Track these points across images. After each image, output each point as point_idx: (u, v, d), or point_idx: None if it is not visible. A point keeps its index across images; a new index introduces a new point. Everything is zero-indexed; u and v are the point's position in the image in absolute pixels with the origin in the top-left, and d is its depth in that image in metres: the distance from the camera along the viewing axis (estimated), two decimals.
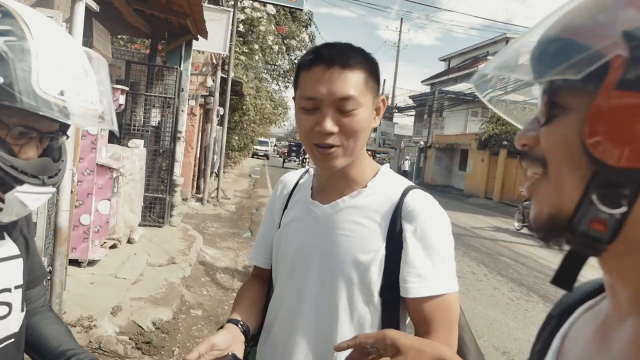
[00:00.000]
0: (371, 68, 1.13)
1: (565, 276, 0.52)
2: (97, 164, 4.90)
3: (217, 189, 12.03)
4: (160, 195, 7.40)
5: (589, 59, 0.47)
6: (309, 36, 20.88)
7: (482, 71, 0.60)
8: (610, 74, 0.46)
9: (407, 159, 32.10)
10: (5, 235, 1.05)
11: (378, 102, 1.17)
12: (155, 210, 7.40)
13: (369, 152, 1.32)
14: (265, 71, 21.41)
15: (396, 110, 37.03)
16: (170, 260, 5.86)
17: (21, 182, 0.92)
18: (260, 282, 1.36)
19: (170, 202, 7.57)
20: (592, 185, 0.48)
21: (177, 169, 7.72)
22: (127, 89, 5.55)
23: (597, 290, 0.64)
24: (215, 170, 12.43)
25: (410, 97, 36.81)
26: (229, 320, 1.20)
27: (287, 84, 22.46)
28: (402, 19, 40.96)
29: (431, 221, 1.14)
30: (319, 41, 21.78)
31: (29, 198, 0.94)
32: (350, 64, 1.09)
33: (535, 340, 0.70)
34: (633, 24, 0.45)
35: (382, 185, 1.19)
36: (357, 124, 1.10)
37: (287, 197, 1.32)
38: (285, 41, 19.29)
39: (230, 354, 1.09)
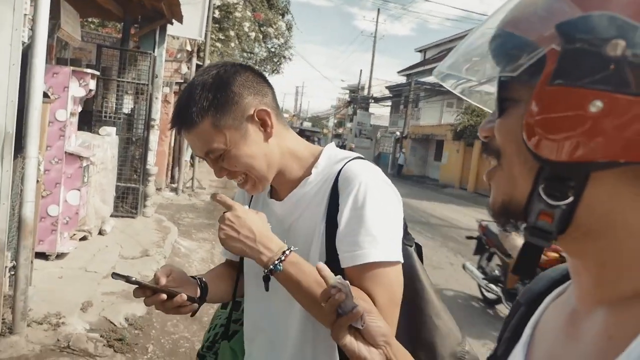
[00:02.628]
0: (215, 106, 1.09)
1: (525, 265, 0.52)
2: (65, 152, 4.66)
3: (192, 178, 11.78)
4: (133, 185, 7.15)
5: (527, 53, 0.48)
6: (286, 24, 20.62)
7: (439, 68, 0.61)
8: (545, 69, 0.46)
9: (402, 152, 29.27)
10: None
11: (252, 119, 1.12)
12: (128, 201, 7.15)
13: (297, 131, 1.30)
14: (241, 59, 21.05)
15: (372, 101, 37.04)
16: (144, 252, 5.66)
17: None
18: (229, 265, 1.40)
19: (144, 192, 7.33)
20: (540, 178, 0.49)
21: (151, 157, 7.47)
22: (97, 73, 5.29)
23: (564, 276, 0.65)
24: (189, 159, 12.16)
25: (387, 87, 36.84)
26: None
27: (264, 72, 22.17)
28: (379, 9, 40.98)
29: (365, 186, 1.09)
30: (295, 31, 21.57)
31: None
32: (191, 124, 1.10)
33: (503, 328, 0.71)
34: (566, 16, 0.46)
35: (326, 166, 1.18)
36: (236, 160, 1.12)
37: (250, 198, 1.33)
38: (262, 29, 18.99)
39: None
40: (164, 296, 1.11)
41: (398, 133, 31.48)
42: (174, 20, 7.37)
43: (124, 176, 7.09)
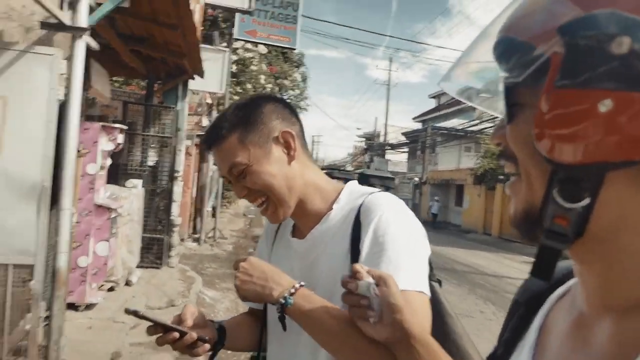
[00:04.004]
0: (244, 123, 1.14)
1: (542, 268, 0.51)
2: (95, 205, 4.79)
3: (214, 228, 11.87)
4: (158, 236, 7.25)
5: (531, 57, 0.48)
6: (301, 76, 21.21)
7: (445, 77, 0.61)
8: (550, 72, 0.46)
9: (436, 200, 27.43)
10: None
11: (277, 140, 1.15)
12: (153, 251, 7.23)
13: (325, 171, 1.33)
14: None
15: (389, 147, 37.29)
16: (170, 302, 5.67)
17: None
18: (252, 314, 1.39)
19: (169, 243, 7.41)
20: (554, 181, 0.48)
21: (175, 209, 7.60)
22: (125, 127, 5.51)
23: (565, 275, 0.64)
24: (210, 208, 12.29)
25: (403, 133, 37.14)
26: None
27: None
28: (390, 58, 41.91)
29: (387, 216, 1.08)
30: (310, 82, 22.13)
31: None
32: (220, 138, 1.15)
33: (502, 329, 0.69)
34: (568, 17, 0.46)
35: (348, 201, 1.18)
36: (257, 177, 1.13)
37: (273, 238, 1.34)
38: (277, 81, 19.54)
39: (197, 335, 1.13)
40: (176, 335, 1.11)
41: (417, 179, 31.44)
42: (195, 76, 7.67)
43: (149, 227, 7.20)
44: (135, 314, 1.08)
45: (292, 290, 1.03)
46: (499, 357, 0.66)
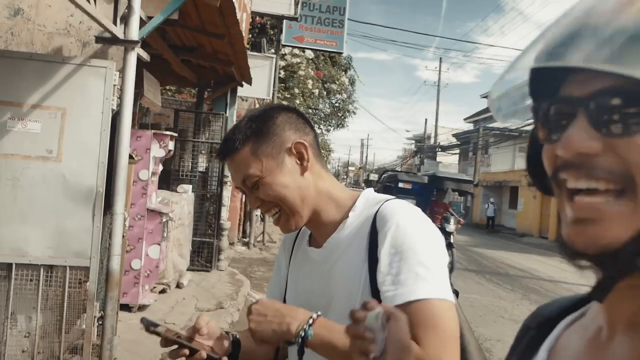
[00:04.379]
0: (257, 135, 1.14)
1: (600, 291, 0.51)
2: (147, 209, 4.98)
3: (263, 232, 12.06)
4: (208, 240, 7.45)
5: None
6: (349, 79, 21.22)
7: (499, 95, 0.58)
8: None
9: (491, 202, 26.71)
10: None
11: (290, 151, 1.15)
12: (203, 255, 7.43)
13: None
14: (307, 115, 21.71)
15: (439, 149, 36.67)
16: (219, 305, 5.81)
17: None
18: None
19: (218, 246, 7.60)
20: None
21: (224, 213, 7.78)
22: (175, 135, 5.70)
23: (576, 304, 0.64)
24: (259, 214, 12.49)
25: (454, 135, 36.44)
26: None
27: (329, 127, 22.70)
28: (440, 58, 41.21)
29: (404, 223, 1.07)
30: (358, 84, 22.13)
31: None
32: (234, 150, 1.15)
33: (509, 352, 0.68)
34: None
35: (364, 209, 1.17)
36: (269, 188, 1.13)
37: (291, 247, 1.33)
38: (325, 85, 19.64)
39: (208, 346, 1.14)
40: (186, 351, 1.12)
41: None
42: (243, 83, 7.84)
43: (199, 231, 7.41)
44: (147, 326, 1.11)
45: (310, 322, 1.02)
46: None
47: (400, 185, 12.53)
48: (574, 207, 0.49)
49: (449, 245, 9.96)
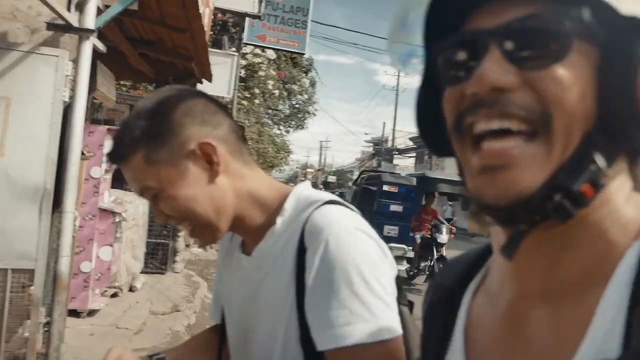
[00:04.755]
0: (149, 137, 0.91)
1: (509, 247, 0.47)
2: (99, 209, 4.73)
3: None
4: (163, 241, 7.18)
5: None
6: (310, 81, 21.19)
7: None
8: None
9: (449, 204, 24.19)
10: None
11: (194, 154, 0.92)
12: (158, 257, 7.17)
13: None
14: (266, 116, 21.57)
15: (396, 153, 37.17)
16: (174, 307, 5.59)
17: None
18: (215, 331, 1.20)
19: (174, 248, 7.35)
20: (595, 137, 0.43)
21: None
22: None
23: (471, 268, 0.60)
24: None
25: (411, 138, 37.03)
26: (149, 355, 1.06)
27: (289, 128, 22.60)
28: None
29: (335, 242, 0.86)
30: (319, 86, 22.13)
31: None
32: (122, 157, 0.93)
33: (423, 339, 0.64)
34: None
35: (294, 212, 0.95)
36: (173, 202, 0.92)
37: (225, 253, 1.14)
38: (286, 86, 19.54)
39: None
40: None
41: None
42: (203, 80, 7.62)
43: (154, 232, 7.14)
44: None
45: None
46: None
47: (385, 188, 9.65)
48: (483, 154, 0.45)
49: (441, 259, 8.63)
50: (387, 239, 8.03)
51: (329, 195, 0.98)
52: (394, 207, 9.38)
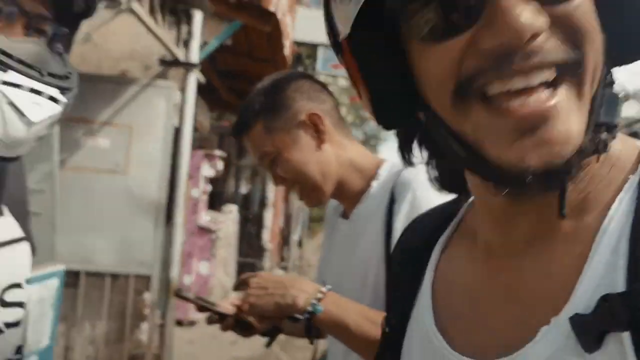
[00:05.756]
0: (267, 110, 1.08)
1: (561, 208, 0.43)
2: (197, 226, 5.15)
3: (301, 257, 12.14)
4: (250, 260, 7.58)
5: None
6: None
7: None
8: None
9: None
10: (3, 208, 0.74)
11: (304, 124, 1.08)
12: None
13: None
14: None
15: None
16: None
17: (5, 67, 0.59)
18: None
19: (260, 267, 7.72)
20: (607, 79, 0.41)
21: (266, 234, 7.92)
22: (225, 155, 5.91)
23: (438, 223, 0.58)
24: (296, 237, 12.59)
25: None
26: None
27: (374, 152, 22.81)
28: None
29: (420, 192, 0.98)
30: None
31: (24, 99, 0.60)
32: (245, 129, 1.10)
33: (388, 294, 0.63)
34: None
35: (388, 177, 1.08)
36: (287, 165, 1.07)
37: (330, 219, 1.28)
38: (359, 112, 19.81)
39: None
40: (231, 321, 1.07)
41: None
42: None
43: (242, 252, 7.56)
44: (178, 292, 1.17)
45: (320, 295, 0.93)
46: (396, 326, 0.58)
47: None
48: (517, 114, 0.37)
49: None
50: None
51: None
52: None
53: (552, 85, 0.37)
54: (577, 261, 0.40)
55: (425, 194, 0.98)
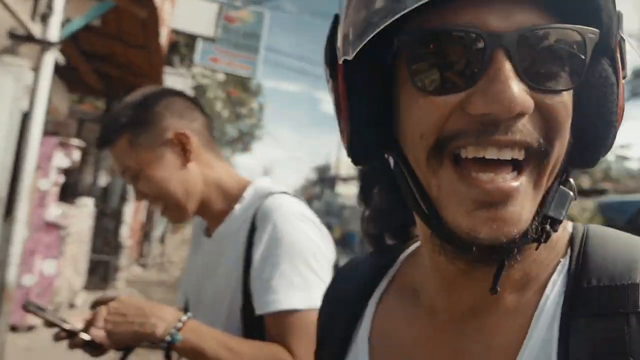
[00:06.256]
0: (134, 124, 1.07)
1: (495, 282, 0.44)
2: (44, 221, 4.63)
3: (162, 253, 11.59)
4: (105, 258, 7.03)
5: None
6: (259, 106, 21.35)
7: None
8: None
9: None
10: None
11: (171, 142, 1.08)
12: (99, 273, 6.99)
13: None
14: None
15: (341, 181, 37.72)
16: None
17: None
18: None
19: (116, 265, 7.19)
20: (567, 168, 0.45)
21: (125, 230, 7.41)
22: (83, 145, 5.39)
23: (371, 275, 0.58)
24: (159, 233, 12.02)
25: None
26: None
27: (235, 150, 22.55)
28: None
29: (282, 222, 1.00)
30: (267, 111, 22.29)
31: None
32: (110, 141, 1.09)
33: (318, 346, 0.62)
34: None
35: (252, 200, 1.10)
36: (149, 182, 1.07)
37: (194, 239, 1.30)
38: (234, 109, 19.56)
39: None
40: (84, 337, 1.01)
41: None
42: None
43: (96, 248, 6.98)
44: (26, 306, 1.06)
45: (179, 325, 0.93)
46: None
47: None
48: (480, 188, 0.39)
49: None
50: None
51: (284, 188, 1.15)
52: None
53: (517, 168, 0.40)
54: (517, 335, 0.44)
55: (285, 227, 1.00)
